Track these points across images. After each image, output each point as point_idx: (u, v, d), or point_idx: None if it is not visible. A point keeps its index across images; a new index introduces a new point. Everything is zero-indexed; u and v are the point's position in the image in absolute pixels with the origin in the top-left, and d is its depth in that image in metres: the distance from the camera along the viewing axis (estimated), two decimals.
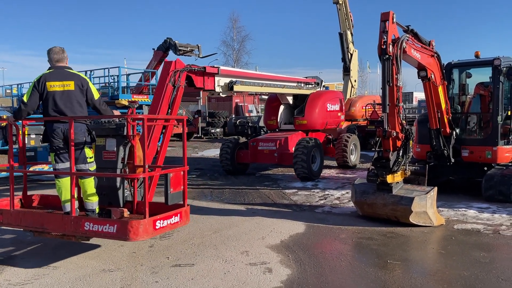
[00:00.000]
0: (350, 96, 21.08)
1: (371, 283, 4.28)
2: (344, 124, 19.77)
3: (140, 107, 17.22)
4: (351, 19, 20.55)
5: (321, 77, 12.50)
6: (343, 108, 12.70)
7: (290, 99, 11.75)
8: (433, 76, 7.24)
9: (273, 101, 11.99)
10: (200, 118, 24.38)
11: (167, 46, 8.49)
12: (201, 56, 9.07)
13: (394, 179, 6.25)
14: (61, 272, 4.61)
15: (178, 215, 4.75)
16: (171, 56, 8.88)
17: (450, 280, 4.32)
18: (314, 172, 10.10)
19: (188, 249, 5.33)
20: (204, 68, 7.51)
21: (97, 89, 17.40)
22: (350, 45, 20.67)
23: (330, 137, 12.28)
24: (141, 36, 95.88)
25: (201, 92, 29.60)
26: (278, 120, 11.73)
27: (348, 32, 20.50)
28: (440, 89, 7.45)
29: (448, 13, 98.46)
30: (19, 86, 20.86)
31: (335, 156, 11.85)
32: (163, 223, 4.51)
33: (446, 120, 7.73)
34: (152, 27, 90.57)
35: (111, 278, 4.44)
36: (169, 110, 6.29)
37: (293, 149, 10.10)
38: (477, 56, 8.54)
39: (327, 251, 5.37)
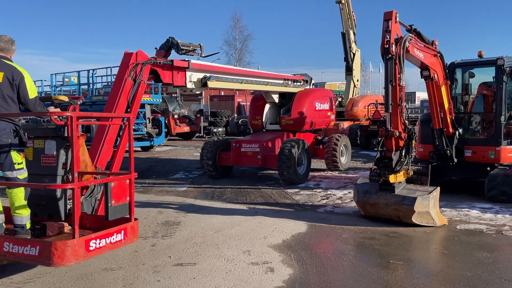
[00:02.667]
0: (353, 96, 21.07)
1: (373, 283, 4.26)
2: (347, 124, 19.83)
3: (142, 106, 17.27)
4: (353, 19, 20.53)
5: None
6: (333, 107, 11.97)
7: (275, 98, 10.99)
8: (436, 76, 7.22)
9: (258, 99, 11.27)
10: (202, 117, 24.39)
11: (169, 45, 8.39)
12: (203, 55, 8.90)
13: (397, 179, 6.24)
14: (63, 271, 4.61)
15: (122, 231, 4.09)
16: (173, 55, 8.83)
17: (453, 281, 4.31)
18: (300, 176, 9.46)
19: (190, 248, 5.32)
20: (172, 61, 6.85)
21: (98, 88, 17.17)
22: (353, 45, 20.65)
23: (320, 137, 11.65)
24: (144, 35, 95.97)
25: (203, 91, 29.68)
26: (263, 120, 11.00)
27: (351, 32, 20.48)
28: (443, 88, 7.43)
29: (451, 13, 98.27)
30: None
31: (325, 158, 11.20)
32: (99, 243, 3.85)
33: (449, 120, 7.71)
34: (155, 26, 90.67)
35: (113, 277, 4.44)
36: (128, 108, 5.62)
37: (278, 151, 9.49)
38: (480, 55, 8.51)
39: (329, 250, 5.36)
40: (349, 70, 20.98)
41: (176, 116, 22.07)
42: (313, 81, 12.00)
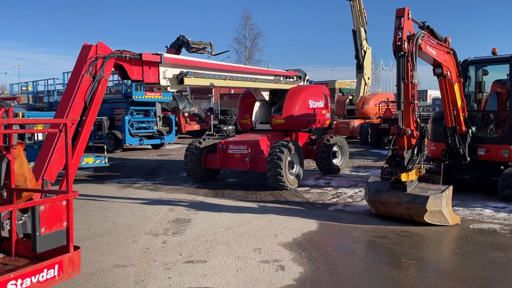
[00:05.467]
0: (363, 94, 20.95)
1: (385, 282, 4.23)
2: (357, 122, 19.72)
3: (153, 104, 17.39)
4: (364, 16, 20.39)
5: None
6: (329, 104, 11.04)
7: (266, 95, 10.12)
8: (449, 73, 7.13)
9: (248, 97, 10.41)
10: (212, 115, 24.45)
11: (180, 43, 8.45)
12: (213, 53, 8.84)
13: (409, 177, 6.18)
14: None
15: (56, 266, 3.35)
16: (184, 54, 8.73)
17: (466, 280, 4.25)
18: (291, 180, 8.74)
19: (200, 246, 5.33)
20: (140, 55, 6.06)
21: (109, 86, 17.16)
22: (364, 42, 20.52)
23: (314, 137, 10.98)
24: (154, 34, 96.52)
25: (213, 89, 29.66)
26: (253, 119, 10.19)
27: (362, 29, 20.35)
28: (456, 86, 7.34)
29: (464, 10, 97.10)
30: (34, 83, 21.18)
31: (315, 160, 10.57)
32: (22, 283, 3.09)
33: (462, 118, 7.61)
34: (165, 25, 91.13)
35: (124, 274, 4.47)
36: (86, 110, 4.82)
37: (268, 153, 8.73)
38: (494, 53, 8.39)
39: (340, 249, 5.32)
40: (360, 68, 20.87)
41: (186, 114, 22.18)
42: (307, 77, 11.05)
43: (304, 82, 10.91)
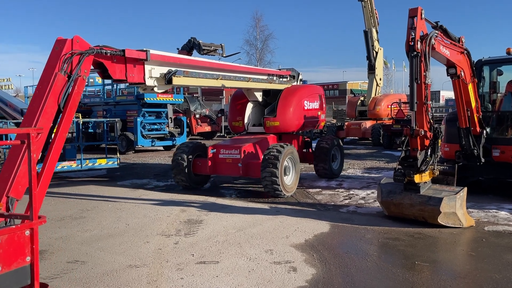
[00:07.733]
0: (375, 95, 20.83)
1: (398, 285, 4.19)
2: (369, 123, 19.59)
3: (165, 105, 17.50)
4: (376, 17, 20.28)
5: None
6: (324, 105, 10.54)
7: (259, 96, 9.51)
8: (462, 74, 7.05)
9: (239, 98, 9.82)
10: (223, 117, 24.54)
11: (191, 45, 8.51)
12: (224, 55, 8.82)
13: (422, 179, 6.12)
14: (88, 267, 4.69)
15: None
16: (195, 55, 8.69)
17: (481, 283, 4.19)
18: (287, 187, 8.19)
19: (212, 247, 5.34)
20: (123, 51, 5.37)
21: (122, 88, 17.22)
22: (375, 43, 20.41)
23: (308, 140, 10.58)
24: (165, 36, 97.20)
25: (224, 90, 29.74)
26: (245, 121, 9.61)
27: (373, 30, 20.25)
28: (470, 87, 7.25)
29: (478, 9, 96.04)
30: None
31: (313, 165, 10.13)
32: None
33: (476, 119, 7.52)
34: (176, 27, 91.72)
35: (137, 274, 4.49)
36: (60, 114, 4.12)
37: (262, 158, 8.17)
38: (508, 53, 8.27)
39: (353, 251, 5.28)
40: (371, 68, 20.77)
41: (197, 116, 22.31)
42: (300, 77, 10.51)
43: (297, 82, 10.45)
